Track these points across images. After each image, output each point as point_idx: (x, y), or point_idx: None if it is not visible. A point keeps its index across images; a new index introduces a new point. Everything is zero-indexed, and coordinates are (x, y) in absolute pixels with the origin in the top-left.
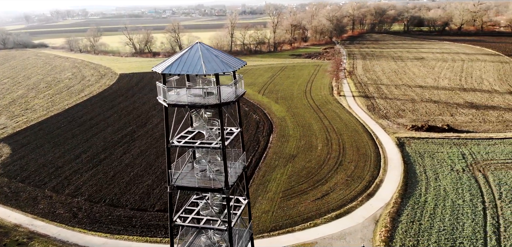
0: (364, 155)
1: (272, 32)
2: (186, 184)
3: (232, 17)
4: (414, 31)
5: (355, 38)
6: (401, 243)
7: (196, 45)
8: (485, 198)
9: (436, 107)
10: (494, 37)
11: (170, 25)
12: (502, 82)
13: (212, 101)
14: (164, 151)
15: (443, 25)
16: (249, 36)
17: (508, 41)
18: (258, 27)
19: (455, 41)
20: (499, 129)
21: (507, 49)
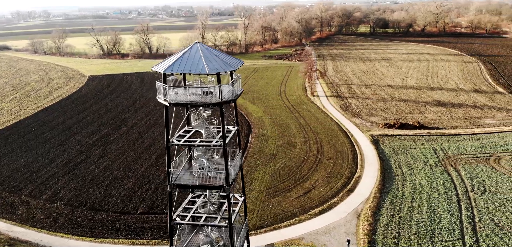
0: (341, 152)
1: (243, 34)
2: (186, 182)
3: (203, 18)
4: (380, 32)
5: (323, 40)
6: (383, 235)
7: (196, 45)
8: (458, 191)
9: (406, 105)
10: (456, 38)
11: (139, 26)
12: (466, 80)
13: (214, 100)
14: (142, 153)
15: (407, 27)
16: (220, 37)
17: (470, 41)
18: (229, 28)
19: (419, 42)
20: (466, 125)
21: (469, 49)
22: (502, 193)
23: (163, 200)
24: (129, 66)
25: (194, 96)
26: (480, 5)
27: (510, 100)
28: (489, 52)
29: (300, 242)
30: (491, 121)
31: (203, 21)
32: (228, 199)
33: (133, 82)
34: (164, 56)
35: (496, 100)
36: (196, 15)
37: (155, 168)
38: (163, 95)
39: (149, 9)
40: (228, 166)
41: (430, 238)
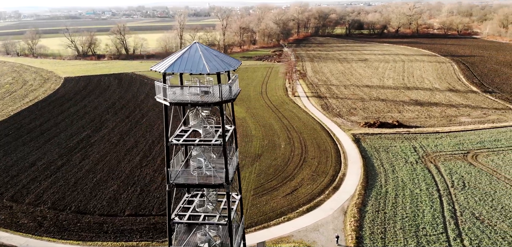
0: (325, 151)
1: (221, 35)
2: (185, 182)
3: (180, 19)
4: (355, 34)
5: (301, 41)
6: (370, 231)
7: (195, 45)
8: (439, 187)
9: (384, 105)
10: (429, 39)
11: (115, 26)
12: (441, 80)
13: (215, 99)
14: (125, 156)
15: (382, 28)
16: (198, 38)
17: (442, 42)
18: (207, 29)
19: (393, 43)
20: (443, 124)
21: (442, 50)
22: (481, 188)
23: (150, 202)
24: (105, 67)
25: (193, 95)
26: (451, 7)
27: (484, 99)
28: (462, 52)
29: (290, 240)
30: (466, 119)
31: (181, 22)
32: (228, 197)
33: (111, 84)
34: (141, 57)
35: (471, 99)
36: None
37: (139, 170)
38: (163, 95)
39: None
40: (228, 164)
41: (415, 232)
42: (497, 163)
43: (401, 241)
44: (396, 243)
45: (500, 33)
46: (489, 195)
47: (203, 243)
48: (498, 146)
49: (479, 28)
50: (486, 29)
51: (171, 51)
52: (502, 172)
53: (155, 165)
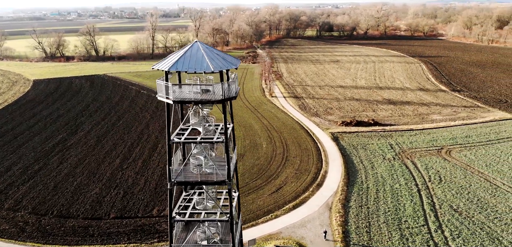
0: (306, 150)
1: (194, 36)
2: (187, 179)
3: (152, 20)
4: (326, 36)
5: (273, 43)
6: (355, 226)
7: (196, 44)
8: (417, 181)
9: (359, 104)
10: (396, 40)
11: (85, 27)
12: (411, 80)
13: (216, 97)
14: (105, 158)
15: (351, 30)
16: (171, 39)
17: (409, 43)
18: (180, 30)
19: (363, 44)
20: (416, 121)
21: (410, 51)
22: (457, 182)
23: (135, 204)
24: (76, 69)
25: (194, 94)
26: (416, 9)
27: (453, 97)
28: (429, 53)
29: (279, 237)
30: (438, 116)
31: (153, 23)
32: (230, 194)
33: (82, 86)
34: (112, 58)
35: (440, 97)
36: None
37: (120, 173)
38: (165, 93)
39: (90, 10)
40: (230, 161)
41: (398, 225)
42: (470, 158)
43: (386, 234)
44: (381, 237)
45: (464, 34)
46: (464, 188)
47: (203, 240)
48: (470, 142)
49: (444, 29)
50: (451, 30)
51: (143, 52)
52: (475, 166)
53: (136, 168)
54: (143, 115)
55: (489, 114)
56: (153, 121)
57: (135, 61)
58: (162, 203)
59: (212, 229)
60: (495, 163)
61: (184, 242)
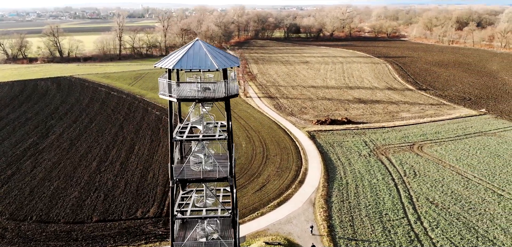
0: (285, 148)
1: (163, 36)
2: (190, 177)
3: (119, 20)
4: (294, 37)
5: (242, 44)
6: (339, 220)
7: (198, 42)
8: (393, 176)
9: (331, 103)
10: (361, 42)
11: (48, 28)
12: (379, 80)
13: (220, 95)
14: (81, 161)
15: (318, 32)
16: (138, 40)
17: (374, 44)
18: (147, 30)
19: (330, 46)
20: (387, 119)
21: (376, 51)
22: (430, 175)
23: (117, 207)
24: (40, 71)
25: (198, 92)
26: (379, 12)
27: (419, 95)
28: (393, 54)
29: (267, 233)
30: (407, 114)
31: (120, 23)
32: (232, 190)
33: (49, 88)
34: (77, 59)
35: (408, 96)
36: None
37: (99, 176)
38: (168, 91)
39: (49, 10)
40: (232, 158)
41: (379, 218)
42: (440, 152)
43: (369, 227)
44: (365, 230)
45: (426, 35)
46: (438, 181)
47: (202, 237)
48: (439, 138)
49: (406, 31)
50: (413, 31)
51: (110, 53)
52: (446, 161)
53: (114, 170)
54: (115, 117)
55: (455, 111)
56: (127, 123)
57: (102, 62)
58: (145, 205)
59: (212, 226)
60: (464, 157)
61: (185, 240)
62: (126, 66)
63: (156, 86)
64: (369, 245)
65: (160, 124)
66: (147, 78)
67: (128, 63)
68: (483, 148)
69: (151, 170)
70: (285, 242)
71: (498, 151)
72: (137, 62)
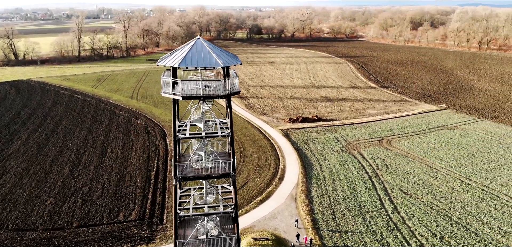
0: (261, 147)
1: (123, 37)
2: (193, 174)
3: (78, 21)
4: (256, 38)
5: None
6: (321, 213)
7: (199, 41)
8: (367, 170)
9: (300, 102)
10: (321, 42)
11: (2, 29)
12: (343, 79)
13: (223, 92)
14: (52, 167)
15: (279, 33)
16: (98, 41)
17: (334, 45)
18: (107, 31)
19: (292, 46)
20: (355, 116)
21: (336, 52)
22: (401, 168)
23: (97, 211)
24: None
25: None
26: (336, 13)
27: (382, 93)
28: (353, 53)
29: (253, 230)
30: (372, 111)
31: (79, 24)
32: (234, 186)
33: (7, 92)
34: (34, 62)
35: (371, 93)
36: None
37: (73, 181)
38: (172, 89)
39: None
40: (234, 154)
41: (359, 210)
42: (408, 146)
43: (350, 219)
44: (346, 222)
45: (382, 35)
46: (409, 173)
47: (202, 235)
48: (405, 132)
49: (364, 31)
50: (370, 32)
51: (68, 55)
52: (414, 154)
53: (89, 174)
54: (82, 120)
55: (417, 107)
56: (95, 125)
57: (60, 65)
58: (126, 208)
59: (211, 223)
60: (431, 150)
61: (189, 237)
62: (87, 68)
63: (120, 88)
64: (353, 235)
65: (130, 126)
66: (110, 80)
67: (88, 65)
68: (447, 141)
69: (128, 173)
70: (272, 237)
71: (461, 143)
72: (97, 63)
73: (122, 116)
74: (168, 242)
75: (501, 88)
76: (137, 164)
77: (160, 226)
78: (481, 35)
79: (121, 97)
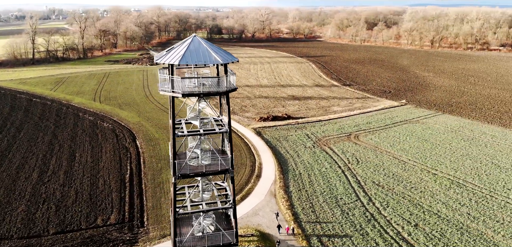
0: (236, 145)
1: (80, 38)
2: (191, 171)
3: (32, 22)
4: (217, 38)
5: (165, 45)
6: (301, 207)
7: (196, 38)
8: (339, 164)
9: (268, 101)
10: (281, 42)
11: None
12: (306, 78)
13: (222, 89)
14: (18, 174)
15: (240, 33)
16: (54, 42)
17: (294, 45)
18: (62, 32)
19: (253, 47)
20: (321, 113)
21: (297, 52)
22: (371, 161)
23: (74, 217)
24: None
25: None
26: (294, 14)
27: (345, 90)
28: (313, 53)
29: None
30: (338, 108)
31: (33, 25)
32: (233, 181)
33: None
34: None
35: (335, 91)
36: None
37: (44, 187)
38: (171, 87)
39: None
40: (232, 150)
41: (336, 203)
42: (375, 140)
43: (328, 211)
44: (326, 214)
45: (340, 35)
46: (379, 166)
47: (198, 232)
48: (371, 127)
49: (321, 31)
50: (328, 32)
51: (22, 57)
52: (382, 147)
53: (59, 180)
54: (45, 125)
55: (379, 103)
56: (59, 130)
57: (14, 68)
58: (104, 212)
59: (208, 220)
60: (397, 143)
61: (188, 235)
62: (42, 70)
63: (81, 90)
64: (333, 226)
65: (97, 129)
66: (69, 83)
67: (43, 67)
68: (411, 134)
69: (101, 177)
70: (257, 232)
71: (424, 136)
72: (53, 66)
73: (86, 119)
74: (152, 244)
75: (456, 83)
76: (109, 168)
77: (142, 228)
78: (433, 34)
79: (83, 99)
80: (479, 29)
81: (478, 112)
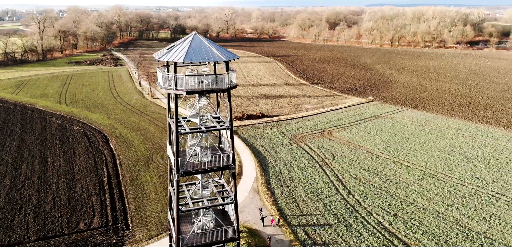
0: None
1: (39, 39)
2: (193, 168)
3: None
4: (181, 38)
5: (127, 45)
6: (285, 202)
7: (197, 36)
8: (316, 159)
9: (241, 100)
10: (246, 42)
11: None
12: (275, 77)
13: (223, 86)
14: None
15: (204, 33)
16: (12, 44)
17: (259, 45)
18: (21, 33)
19: None
20: (294, 111)
21: (263, 51)
22: (346, 156)
23: (54, 223)
24: None
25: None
26: (257, 14)
27: (314, 89)
28: (279, 53)
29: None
30: (309, 106)
31: None
32: (234, 177)
33: None
34: None
35: (305, 90)
36: None
37: (18, 193)
38: (175, 84)
39: None
40: (233, 146)
41: (318, 197)
42: (348, 136)
43: (311, 205)
44: (309, 208)
45: (303, 35)
46: (354, 160)
47: (198, 229)
48: (342, 123)
49: (285, 31)
50: (291, 32)
51: None
52: (355, 142)
53: (34, 185)
54: (11, 129)
55: (347, 100)
56: (27, 134)
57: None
58: (86, 216)
59: (206, 217)
60: (369, 138)
61: (191, 232)
62: (1, 73)
63: (45, 93)
64: (317, 219)
65: (66, 133)
66: (31, 85)
67: (1, 70)
68: (381, 129)
69: (77, 181)
70: (245, 229)
71: (394, 130)
72: (12, 68)
73: (54, 122)
74: (140, 246)
75: (417, 80)
76: (85, 171)
77: (127, 231)
78: (393, 33)
79: (48, 102)
80: (435, 27)
81: (441, 107)
